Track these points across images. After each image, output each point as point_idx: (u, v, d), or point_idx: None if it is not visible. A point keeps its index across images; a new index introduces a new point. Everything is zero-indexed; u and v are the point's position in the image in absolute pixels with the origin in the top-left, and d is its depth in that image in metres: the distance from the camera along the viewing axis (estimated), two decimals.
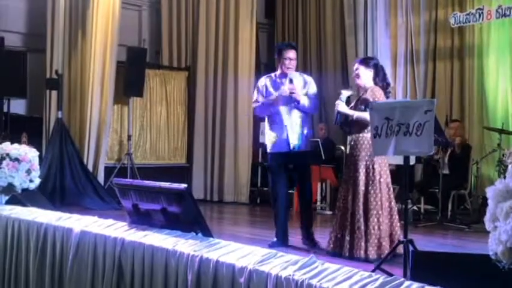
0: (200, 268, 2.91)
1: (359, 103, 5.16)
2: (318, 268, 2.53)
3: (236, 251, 2.91)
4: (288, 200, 6.15)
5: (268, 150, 5.75)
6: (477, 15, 8.52)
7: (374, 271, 3.53)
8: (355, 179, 5.03)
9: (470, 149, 7.75)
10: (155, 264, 3.19)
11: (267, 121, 5.75)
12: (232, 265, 2.77)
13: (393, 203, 5.05)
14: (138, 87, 9.54)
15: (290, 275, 2.50)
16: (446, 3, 9.19)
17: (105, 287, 3.47)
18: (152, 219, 3.63)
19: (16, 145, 5.21)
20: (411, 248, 3.99)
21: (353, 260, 4.75)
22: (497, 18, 8.31)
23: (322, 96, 6.12)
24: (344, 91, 5.29)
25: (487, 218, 2.38)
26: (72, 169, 8.55)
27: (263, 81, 5.80)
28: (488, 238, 2.37)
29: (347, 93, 5.28)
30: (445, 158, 7.55)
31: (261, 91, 5.72)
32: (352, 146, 5.25)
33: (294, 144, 5.56)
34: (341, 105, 5.16)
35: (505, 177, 2.39)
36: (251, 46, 10.21)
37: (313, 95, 5.67)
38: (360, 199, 4.97)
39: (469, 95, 8.89)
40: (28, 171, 5.11)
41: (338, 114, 5.20)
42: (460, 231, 6.85)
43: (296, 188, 7.72)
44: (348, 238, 4.98)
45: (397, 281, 2.30)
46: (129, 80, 9.46)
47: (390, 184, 5.08)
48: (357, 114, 5.08)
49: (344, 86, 6.72)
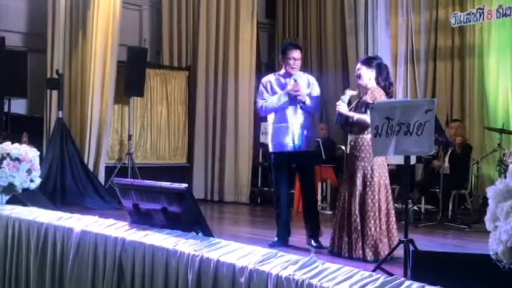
0: (201, 268, 2.91)
1: (359, 105, 5.15)
2: (319, 268, 2.53)
3: (236, 251, 2.91)
4: (290, 200, 6.11)
5: (271, 149, 5.71)
6: (478, 15, 8.51)
7: (374, 271, 3.53)
8: (353, 180, 5.03)
9: (470, 149, 7.74)
10: (156, 264, 3.19)
11: (271, 120, 5.70)
12: (232, 265, 2.77)
13: (391, 205, 5.03)
14: (139, 87, 9.55)
15: (290, 275, 2.50)
16: (446, 2, 9.18)
17: (105, 287, 3.47)
18: (153, 219, 3.63)
19: (17, 145, 5.20)
20: (412, 248, 3.99)
21: (352, 260, 4.75)
22: (497, 18, 8.31)
23: (322, 96, 6.09)
24: (348, 90, 5.28)
25: (488, 218, 2.38)
26: (72, 169, 8.54)
27: (267, 79, 5.75)
28: (488, 238, 2.37)
29: (351, 93, 5.26)
30: (446, 159, 7.54)
31: (267, 88, 5.67)
32: (352, 147, 5.25)
33: (298, 144, 5.54)
34: (342, 106, 5.15)
35: (506, 177, 2.39)
36: (252, 46, 10.20)
37: (316, 96, 5.64)
38: (357, 199, 4.97)
39: (470, 95, 8.88)
40: (29, 171, 5.10)
41: (339, 115, 5.19)
42: (461, 231, 6.84)
43: (297, 188, 7.74)
44: (346, 239, 4.98)
45: (398, 281, 2.30)
46: (130, 80, 9.46)
47: (388, 186, 5.07)
48: (357, 116, 5.06)
49: (350, 86, 6.69)
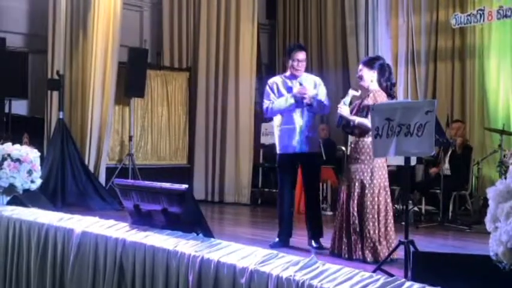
0: (201, 269, 2.91)
1: (361, 108, 5.12)
2: (319, 269, 2.53)
3: (237, 252, 2.91)
4: (293, 201, 6.11)
5: (277, 151, 5.70)
6: (478, 16, 8.52)
7: (375, 272, 3.53)
8: (352, 181, 5.03)
9: (471, 150, 7.74)
10: (156, 264, 3.19)
11: (278, 122, 5.68)
12: (233, 266, 2.77)
13: (389, 207, 5.03)
14: (139, 87, 9.55)
15: (291, 276, 2.50)
16: (447, 4, 9.19)
17: None
18: (153, 219, 3.63)
19: (17, 146, 5.20)
20: (412, 249, 3.99)
21: (352, 261, 4.75)
22: (498, 19, 8.32)
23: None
24: (351, 91, 5.23)
25: (488, 219, 2.38)
26: (73, 170, 8.54)
27: (273, 80, 5.75)
28: (489, 239, 2.37)
29: (353, 93, 5.21)
30: (446, 160, 7.54)
31: (273, 89, 5.66)
32: (352, 149, 5.25)
33: (304, 145, 5.54)
34: (343, 108, 5.12)
35: (506, 177, 2.40)
36: (252, 47, 10.19)
37: (324, 96, 5.63)
38: (355, 201, 4.97)
39: (470, 96, 8.89)
40: (29, 171, 5.10)
41: (340, 117, 5.17)
42: (461, 232, 6.85)
43: (298, 189, 7.73)
44: (346, 240, 4.99)
45: (398, 282, 2.30)
46: (130, 81, 9.47)
47: (388, 188, 5.06)
48: (358, 120, 5.04)
49: (352, 87, 6.68)
